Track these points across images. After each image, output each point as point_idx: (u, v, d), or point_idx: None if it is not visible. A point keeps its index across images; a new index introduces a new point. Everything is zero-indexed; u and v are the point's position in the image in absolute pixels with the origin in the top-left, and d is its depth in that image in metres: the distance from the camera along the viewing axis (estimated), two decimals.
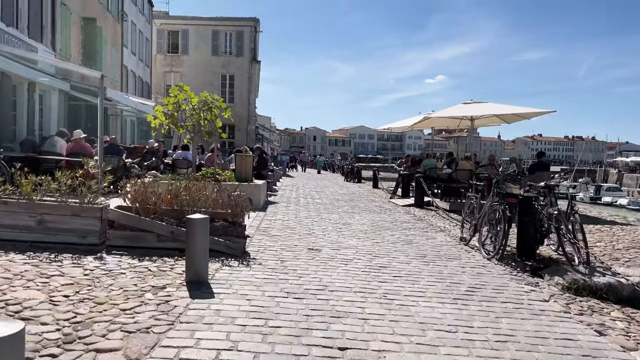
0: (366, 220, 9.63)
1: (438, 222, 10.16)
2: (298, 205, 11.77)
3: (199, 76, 35.87)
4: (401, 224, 9.48)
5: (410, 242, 7.46)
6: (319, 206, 11.90)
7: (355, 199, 14.36)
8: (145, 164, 12.60)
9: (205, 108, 11.31)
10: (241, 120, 36.30)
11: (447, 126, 16.84)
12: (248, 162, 11.11)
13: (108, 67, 22.49)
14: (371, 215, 10.63)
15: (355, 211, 11.24)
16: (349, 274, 5.17)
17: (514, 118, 13.81)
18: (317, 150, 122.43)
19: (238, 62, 36.25)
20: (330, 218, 9.73)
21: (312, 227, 8.43)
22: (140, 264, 4.92)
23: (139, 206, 5.68)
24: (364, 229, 8.51)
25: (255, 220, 8.76)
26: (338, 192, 17.22)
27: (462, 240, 7.50)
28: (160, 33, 36.08)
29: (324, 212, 10.63)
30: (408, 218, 10.46)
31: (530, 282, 5.39)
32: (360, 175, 26.38)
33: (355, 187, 20.61)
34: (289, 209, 10.91)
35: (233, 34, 36.46)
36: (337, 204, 12.76)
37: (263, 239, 6.94)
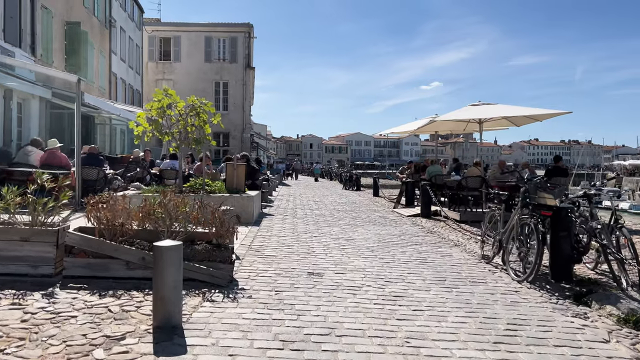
0: (371, 234, 8.68)
1: (450, 234, 9.22)
2: (295, 218, 10.81)
3: (191, 83, 34.96)
4: (410, 237, 8.53)
5: (425, 260, 6.51)
6: (318, 218, 10.95)
7: (357, 209, 13.41)
8: (129, 175, 11.63)
9: (193, 113, 10.38)
10: (236, 128, 35.42)
11: (451, 130, 15.96)
12: (240, 172, 10.17)
13: (95, 74, 21.57)
14: (376, 227, 9.69)
15: (357, 223, 10.29)
16: (358, 308, 4.22)
17: (524, 120, 12.94)
18: (314, 157, 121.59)
19: (232, 69, 35.39)
20: (331, 232, 8.77)
21: (311, 244, 7.47)
22: (99, 302, 3.95)
23: (104, 227, 4.72)
24: (370, 245, 7.55)
25: (248, 237, 7.80)
26: (337, 201, 16.28)
27: (484, 258, 6.56)
28: (151, 40, 35.21)
29: (324, 226, 9.68)
30: (416, 230, 9.52)
31: (577, 312, 4.44)
32: (360, 183, 25.46)
33: (355, 196, 19.67)
34: (285, 222, 9.95)
35: (226, 40, 35.63)
36: (338, 215, 11.81)
37: (255, 261, 5.98)
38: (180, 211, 5.13)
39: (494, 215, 6.61)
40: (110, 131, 22.91)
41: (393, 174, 69.37)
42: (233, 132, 35.30)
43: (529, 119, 12.54)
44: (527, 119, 12.51)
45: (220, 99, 35.54)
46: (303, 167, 64.77)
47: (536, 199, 5.63)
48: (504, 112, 11.48)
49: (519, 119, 13.03)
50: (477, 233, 9.09)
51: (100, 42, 22.31)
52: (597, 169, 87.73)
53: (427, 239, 8.49)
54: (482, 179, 11.11)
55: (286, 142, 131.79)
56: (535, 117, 11.77)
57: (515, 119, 13.08)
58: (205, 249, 4.84)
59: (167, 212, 4.93)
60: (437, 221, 11.20)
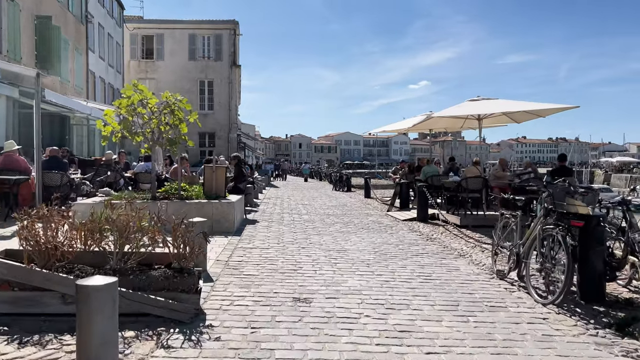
0: (366, 243, 7.78)
1: (452, 242, 8.35)
2: (282, 225, 9.87)
3: (175, 82, 33.80)
4: (409, 247, 7.64)
5: (430, 277, 5.62)
6: (306, 224, 10.02)
7: (348, 213, 12.52)
8: (99, 180, 10.61)
9: (167, 111, 9.40)
10: (222, 128, 34.39)
11: (446, 128, 15.10)
12: (220, 175, 9.21)
13: (70, 72, 20.44)
14: (370, 235, 8.79)
15: (350, 229, 9.39)
16: (357, 351, 3.31)
17: (526, 116, 12.12)
18: (303, 157, 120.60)
19: (217, 67, 34.32)
20: (321, 242, 7.85)
21: (298, 257, 6.55)
22: (17, 353, 3.00)
23: (34, 250, 3.76)
24: (365, 257, 6.65)
25: (226, 250, 6.85)
26: (327, 204, 15.37)
27: (498, 274, 5.67)
28: (133, 38, 34.01)
29: (313, 234, 8.76)
30: (414, 238, 8.64)
31: (626, 349, 3.58)
32: (350, 184, 24.59)
33: (345, 198, 18.78)
34: (270, 230, 9.01)
35: (211, 37, 34.55)
36: (328, 220, 10.90)
37: (231, 283, 5.04)
38: (136, 227, 4.18)
39: (508, 223, 5.74)
40: (87, 132, 21.78)
41: (383, 173, 69.00)
42: (219, 132, 34.27)
43: (531, 115, 11.72)
44: (529, 115, 11.69)
45: (206, 98, 34.49)
46: (291, 167, 63.89)
47: (564, 207, 4.75)
48: (506, 108, 10.65)
49: (520, 115, 12.21)
50: (481, 240, 8.23)
51: (75, 38, 21.17)
52: (584, 167, 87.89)
53: (428, 248, 7.61)
54: (483, 180, 10.27)
55: (275, 142, 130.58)
56: (539, 112, 10.95)
57: (517, 115, 12.26)
58: (165, 275, 3.90)
59: (117, 229, 3.97)
60: (436, 226, 10.34)
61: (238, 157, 11.37)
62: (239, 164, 11.50)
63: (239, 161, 11.35)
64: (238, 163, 11.50)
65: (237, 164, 11.43)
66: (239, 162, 11.51)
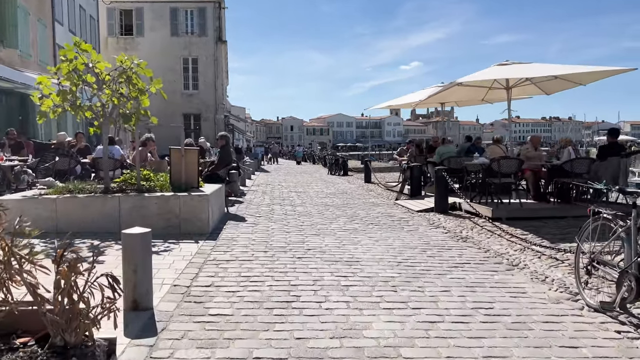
0: (382, 248, 5.86)
1: (491, 243, 6.47)
2: (271, 221, 7.92)
3: (157, 60, 31.07)
4: (439, 252, 5.74)
5: (491, 309, 3.72)
6: (302, 220, 8.08)
7: (351, 203, 10.58)
8: (44, 167, 8.57)
9: (123, 79, 7.39)
10: (208, 109, 32.17)
11: (466, 100, 12.99)
12: (191, 160, 7.21)
13: (32, 45, 18.15)
14: (384, 233, 6.87)
15: (357, 226, 7.46)
16: None
17: (558, 85, 10.19)
18: (295, 140, 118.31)
19: (201, 43, 31.92)
20: (322, 246, 5.92)
21: (293, 275, 4.62)
22: None
23: None
24: (387, 274, 4.73)
25: (192, 265, 4.90)
26: (324, 191, 13.43)
27: (604, 308, 3.73)
28: (110, 13, 31.49)
29: (311, 233, 6.82)
30: (441, 237, 6.74)
31: None
32: (347, 167, 22.64)
33: (343, 183, 16.83)
34: (256, 230, 7.06)
35: (194, 11, 32.08)
36: (328, 213, 8.97)
37: (184, 337, 3.11)
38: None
39: (611, 228, 3.80)
40: None
41: (377, 155, 67.03)
42: (205, 113, 32.07)
43: (564, 84, 9.78)
44: (563, 83, 9.75)
45: (190, 77, 32.18)
46: (282, 150, 61.29)
47: None
48: (548, 71, 8.69)
49: (550, 86, 10.28)
50: (528, 240, 6.35)
51: (37, 8, 18.81)
52: (580, 146, 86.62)
53: (466, 253, 5.71)
54: (519, 161, 8.35)
55: (266, 124, 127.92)
56: (594, 75, 8.96)
57: (547, 86, 10.33)
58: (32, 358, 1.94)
59: None
60: (460, 219, 8.45)
61: (227, 137, 9.33)
62: (227, 145, 9.44)
63: (227, 142, 9.30)
64: (226, 145, 9.42)
65: (225, 145, 9.35)
66: (227, 144, 9.43)
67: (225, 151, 9.20)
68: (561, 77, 9.44)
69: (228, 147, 9.15)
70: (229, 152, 9.25)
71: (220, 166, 8.93)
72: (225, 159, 8.83)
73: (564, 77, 9.42)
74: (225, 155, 9.00)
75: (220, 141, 9.13)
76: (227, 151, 9.20)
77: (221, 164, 8.77)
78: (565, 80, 9.62)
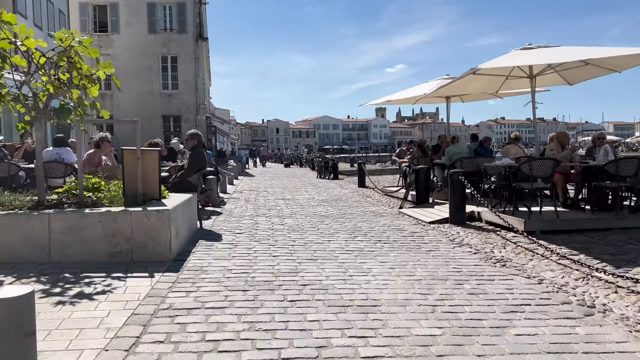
0: (402, 281, 4.34)
1: (541, 268, 5.00)
2: (253, 239, 6.34)
3: (134, 59, 29.75)
4: (481, 285, 4.24)
5: None
6: (293, 237, 6.52)
7: (348, 212, 9.06)
8: None
9: (64, 62, 5.83)
10: (188, 110, 30.44)
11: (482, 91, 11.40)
12: (150, 164, 5.61)
13: None
14: (399, 256, 5.36)
15: (362, 245, 5.94)
16: None
17: (586, 74, 8.83)
18: (281, 143, 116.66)
19: (181, 41, 30.21)
20: (323, 281, 4.38)
21: (286, 342, 3.06)
22: None
23: None
24: (422, 330, 3.20)
25: (133, 321, 3.31)
26: (316, 197, 11.89)
27: None
28: (83, 8, 29.62)
29: (306, 259, 5.26)
30: (471, 259, 5.25)
31: None
32: (337, 171, 21.13)
33: (335, 187, 15.32)
34: (234, 255, 5.49)
35: (173, 7, 30.33)
36: (324, 226, 7.43)
37: None
38: None
39: None
40: None
41: (364, 157, 65.64)
42: (185, 114, 30.35)
43: (599, 70, 8.41)
44: (596, 70, 8.38)
45: (169, 76, 30.47)
46: (270, 153, 59.31)
47: None
48: (581, 55, 7.27)
49: (578, 74, 8.91)
50: (587, 264, 4.89)
51: None
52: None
53: (516, 286, 4.22)
54: (554, 162, 6.90)
55: (251, 127, 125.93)
56: (633, 60, 7.59)
57: (573, 74, 8.96)
58: None
59: None
60: (483, 232, 6.99)
61: (198, 136, 7.71)
62: (199, 146, 7.81)
63: (199, 142, 7.68)
64: (198, 145, 7.79)
65: (196, 146, 7.73)
66: (199, 144, 7.79)
67: (197, 153, 7.58)
68: (594, 63, 8.05)
69: (200, 148, 7.54)
70: (201, 154, 7.62)
71: (190, 171, 7.33)
72: (197, 163, 7.23)
73: (598, 63, 8.03)
74: (197, 158, 7.40)
75: (191, 141, 7.52)
76: (199, 153, 7.58)
77: (192, 169, 7.18)
78: (597, 67, 8.23)
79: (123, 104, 29.59)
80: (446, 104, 11.59)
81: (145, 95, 29.80)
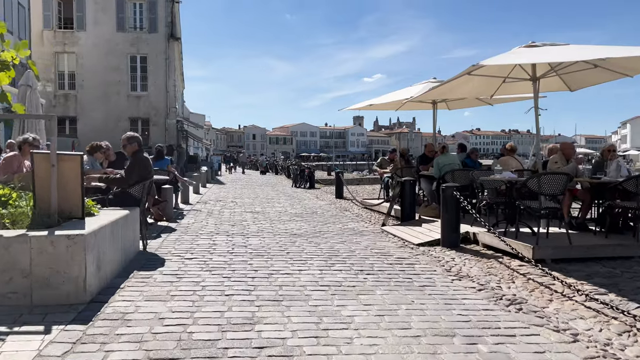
0: (394, 340, 3.18)
1: (568, 314, 3.91)
2: (205, 268, 5.10)
3: (100, 57, 28.18)
4: (503, 346, 3.12)
5: None
6: (255, 265, 5.31)
7: (324, 230, 7.89)
8: None
9: None
10: (157, 113, 28.89)
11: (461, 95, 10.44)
12: (69, 173, 4.34)
13: None
14: (387, 295, 4.21)
15: (340, 277, 4.77)
16: None
17: (588, 79, 7.92)
18: (257, 149, 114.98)
19: (151, 40, 28.68)
20: (288, 341, 3.19)
21: None
22: None
23: None
24: None
25: None
26: (289, 210, 10.69)
27: None
28: (47, 2, 27.85)
29: (268, 300, 4.07)
30: (477, 298, 4.14)
31: None
32: (314, 179, 19.98)
33: (311, 199, 14.15)
34: (173, 294, 4.24)
35: (144, 4, 28.82)
36: (294, 249, 6.23)
37: None
38: None
39: None
40: None
41: (341, 166, 64.74)
42: (154, 117, 28.82)
43: (609, 75, 7.48)
44: (606, 74, 7.44)
45: (138, 77, 28.89)
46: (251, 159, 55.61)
47: None
48: (595, 54, 6.31)
49: (583, 78, 7.98)
50: (617, 306, 3.84)
51: None
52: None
53: (546, 347, 3.12)
54: (567, 177, 5.87)
55: (227, 133, 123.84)
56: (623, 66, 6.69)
57: (578, 78, 8.03)
58: None
59: None
60: (482, 258, 5.91)
61: (137, 139, 6.40)
62: (140, 152, 6.42)
63: (139, 147, 6.37)
64: (139, 151, 6.38)
65: (137, 152, 6.34)
66: (139, 150, 6.41)
67: (138, 160, 6.24)
68: (605, 66, 7.12)
69: (142, 154, 6.24)
70: (142, 161, 6.27)
71: (125, 182, 6.06)
72: (137, 172, 5.96)
73: (610, 65, 7.10)
74: (137, 165, 6.12)
75: (129, 146, 6.20)
76: (139, 160, 6.25)
77: (130, 178, 5.91)
78: (606, 71, 7.30)
79: (88, 105, 27.92)
80: (433, 110, 10.57)
81: (112, 97, 28.18)
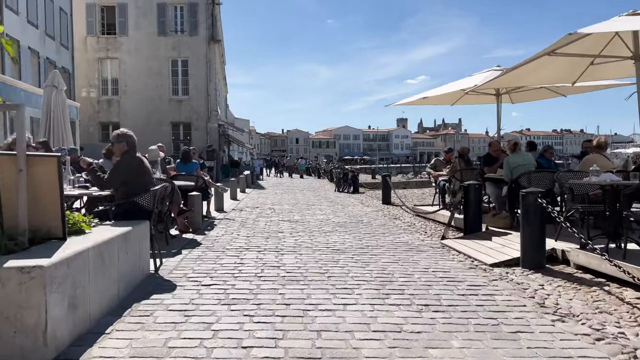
0: None
1: None
2: (225, 301, 3.98)
3: (142, 62, 28.09)
4: None
5: None
6: (287, 295, 4.15)
7: (373, 244, 6.64)
8: None
9: None
10: (199, 117, 28.46)
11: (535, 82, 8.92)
12: (43, 181, 3.33)
13: None
14: (468, 349, 2.94)
15: (399, 315, 3.54)
16: None
17: None
18: (300, 153, 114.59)
19: (192, 43, 28.31)
20: None
21: None
22: None
23: None
24: None
25: None
26: (332, 220, 9.50)
27: None
28: (90, 9, 28.02)
29: (301, 358, 2.89)
30: None
31: None
32: (358, 184, 18.72)
33: (356, 204, 12.91)
34: (170, 347, 3.14)
35: (184, 7, 28.50)
36: (337, 271, 5.03)
37: None
38: None
39: None
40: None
41: (385, 169, 63.01)
42: (195, 121, 28.42)
43: None
44: None
45: (179, 81, 28.59)
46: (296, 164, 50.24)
47: None
48: None
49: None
50: None
51: None
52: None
53: None
54: None
55: (271, 137, 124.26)
56: None
57: None
58: None
59: None
60: (582, 286, 4.50)
61: (128, 138, 5.20)
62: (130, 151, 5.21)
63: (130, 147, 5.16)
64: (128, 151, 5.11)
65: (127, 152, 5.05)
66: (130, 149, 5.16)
67: (124, 162, 5.08)
68: None
69: (132, 154, 5.15)
70: (131, 163, 5.10)
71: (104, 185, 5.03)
72: (120, 175, 4.91)
73: None
74: (122, 168, 5.03)
75: (118, 145, 5.14)
76: (127, 162, 5.08)
77: (108, 181, 4.90)
78: None
79: (130, 111, 27.78)
80: (497, 102, 9.13)
81: (153, 101, 27.97)
